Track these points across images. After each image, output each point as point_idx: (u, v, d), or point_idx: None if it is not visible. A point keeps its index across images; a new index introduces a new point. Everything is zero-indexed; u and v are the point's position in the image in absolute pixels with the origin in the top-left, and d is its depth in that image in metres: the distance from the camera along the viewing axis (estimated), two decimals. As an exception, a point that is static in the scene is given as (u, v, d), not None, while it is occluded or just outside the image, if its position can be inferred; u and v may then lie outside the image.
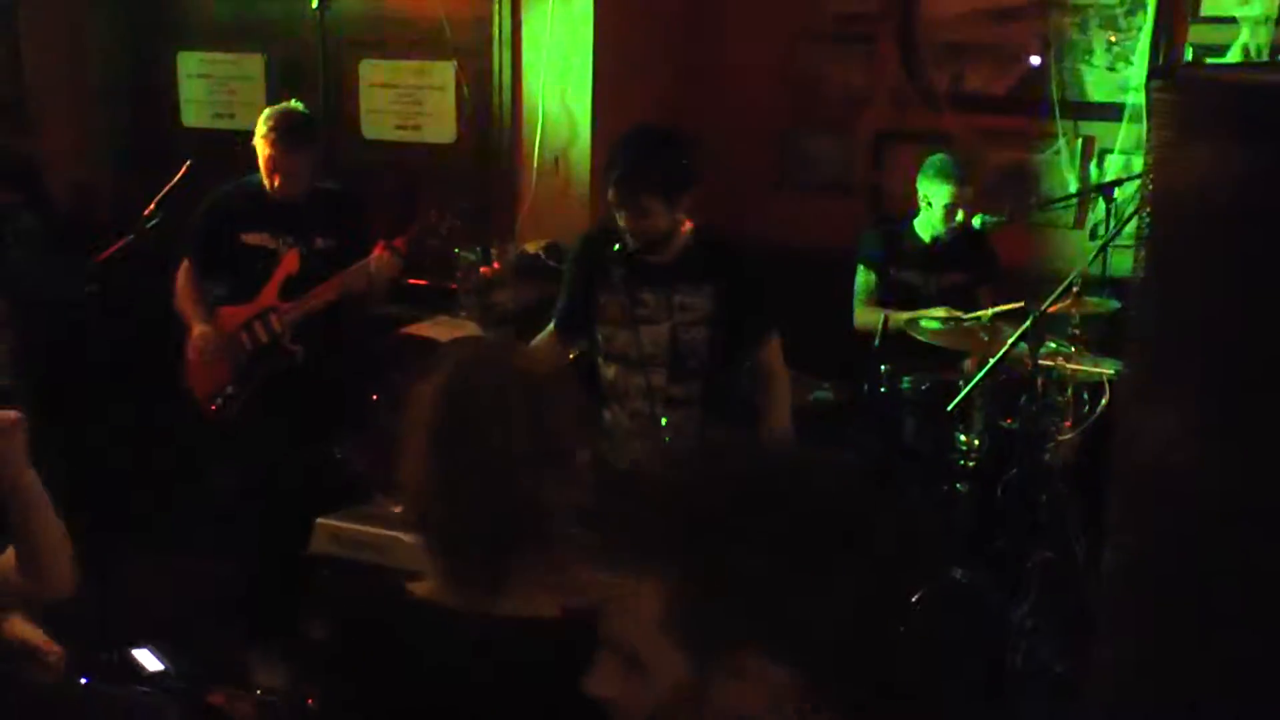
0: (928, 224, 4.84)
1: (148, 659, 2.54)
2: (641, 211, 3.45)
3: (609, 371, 3.67)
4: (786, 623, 1.25)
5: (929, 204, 4.78)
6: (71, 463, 4.98)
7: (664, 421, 3.21)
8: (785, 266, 4.79)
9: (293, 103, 4.44)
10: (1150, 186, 1.63)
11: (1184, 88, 1.58)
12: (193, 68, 5.90)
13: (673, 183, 3.47)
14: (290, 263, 4.41)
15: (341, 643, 1.89)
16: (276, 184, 4.34)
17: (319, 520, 3.07)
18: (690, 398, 3.61)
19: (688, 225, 3.60)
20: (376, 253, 4.27)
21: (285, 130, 4.29)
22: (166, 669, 2.75)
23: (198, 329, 4.42)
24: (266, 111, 4.37)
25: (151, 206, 4.53)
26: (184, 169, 4.54)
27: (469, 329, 4.66)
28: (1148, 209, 1.64)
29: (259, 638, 4.27)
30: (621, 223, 3.49)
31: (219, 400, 4.47)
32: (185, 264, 4.56)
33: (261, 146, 4.31)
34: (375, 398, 4.51)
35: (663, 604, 1.27)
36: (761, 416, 3.70)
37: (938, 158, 4.82)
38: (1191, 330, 1.55)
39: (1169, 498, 1.55)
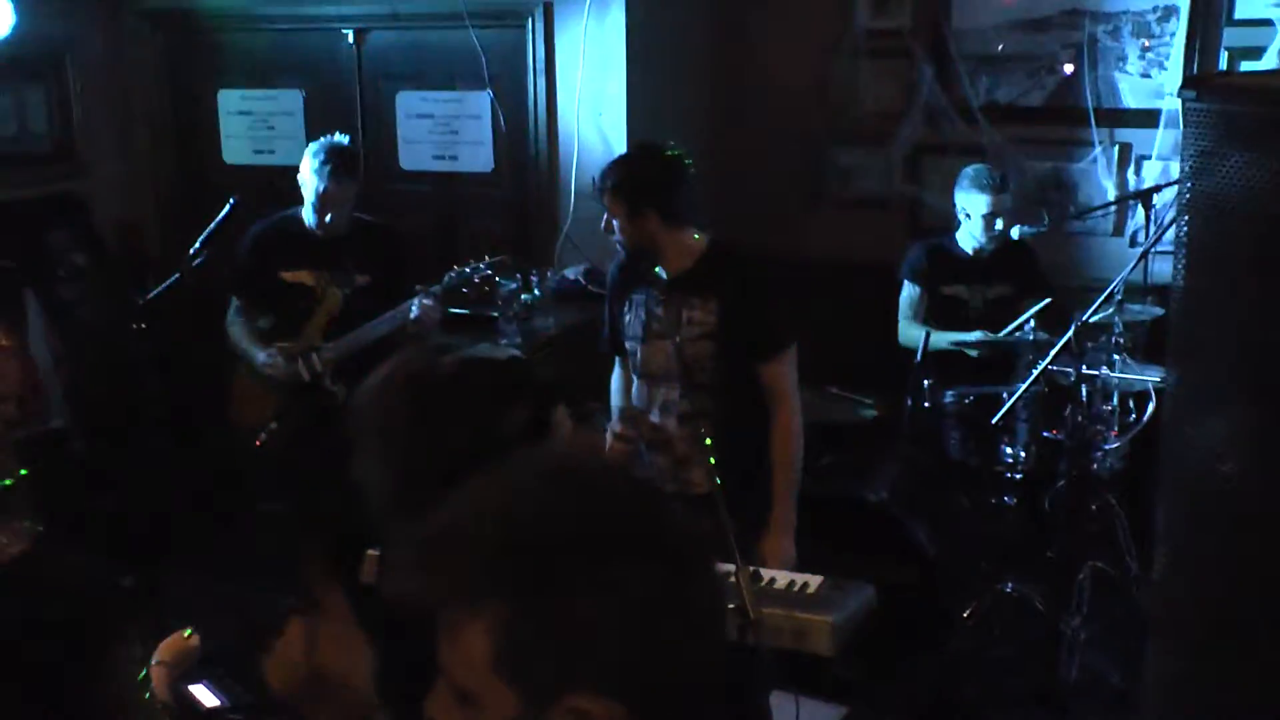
0: (969, 236, 4.82)
1: (204, 694, 2.53)
2: (609, 213, 3.52)
3: (637, 387, 3.71)
4: (618, 664, 1.23)
5: (967, 215, 4.76)
6: (122, 499, 5.06)
7: (708, 441, 3.15)
8: (823, 282, 4.80)
9: (336, 136, 4.48)
10: (1187, 195, 1.63)
11: (1216, 96, 1.58)
12: (233, 105, 5.98)
13: (629, 186, 3.49)
14: (332, 304, 4.44)
15: None
16: (327, 219, 4.37)
17: (369, 552, 3.09)
18: (702, 411, 3.57)
19: (701, 240, 3.58)
20: (416, 301, 4.28)
21: (339, 163, 4.31)
22: (223, 703, 2.74)
23: (264, 353, 4.45)
24: (313, 146, 4.39)
25: (197, 245, 4.56)
26: (228, 207, 4.57)
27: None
28: (1185, 217, 1.64)
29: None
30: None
31: (263, 435, 4.51)
32: (235, 303, 4.61)
33: (312, 181, 4.33)
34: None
35: (492, 644, 1.25)
36: (768, 446, 3.57)
37: (971, 168, 4.81)
38: (1232, 338, 1.54)
39: (1216, 507, 1.54)
